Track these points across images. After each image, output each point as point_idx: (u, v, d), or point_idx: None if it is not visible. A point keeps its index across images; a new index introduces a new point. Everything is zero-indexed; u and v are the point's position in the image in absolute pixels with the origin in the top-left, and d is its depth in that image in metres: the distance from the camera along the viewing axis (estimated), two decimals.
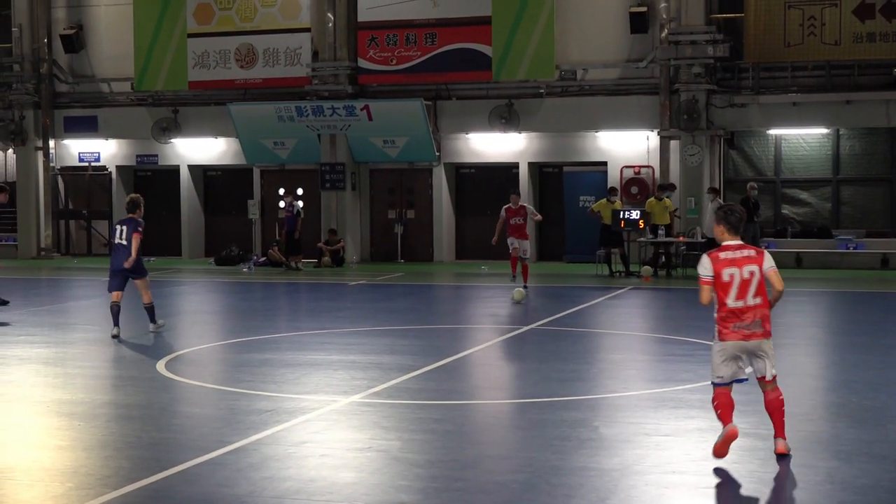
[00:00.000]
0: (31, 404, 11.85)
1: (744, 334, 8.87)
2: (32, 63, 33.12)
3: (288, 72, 31.03)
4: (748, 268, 8.86)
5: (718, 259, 8.89)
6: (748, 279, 8.84)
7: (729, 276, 8.84)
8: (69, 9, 33.25)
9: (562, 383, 12.57)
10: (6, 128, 33.12)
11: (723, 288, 8.86)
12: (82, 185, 34.10)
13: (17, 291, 24.28)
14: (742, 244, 9.00)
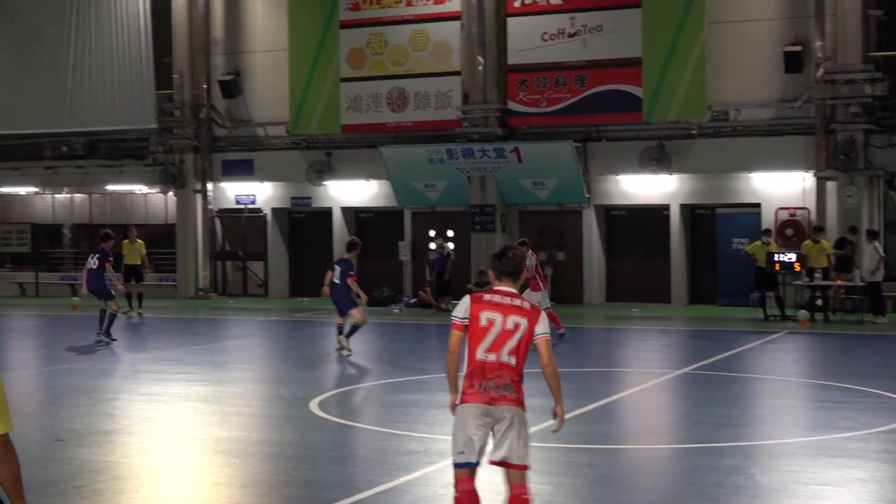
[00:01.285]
0: (188, 441, 12.15)
1: (490, 396, 7.08)
2: (192, 108, 34.17)
3: (438, 115, 31.37)
4: (514, 318, 7.15)
5: (480, 300, 7.23)
6: (510, 331, 7.13)
7: (487, 320, 7.14)
8: (227, 56, 34.22)
9: (716, 429, 12.34)
10: (167, 171, 34.17)
11: (476, 335, 7.14)
12: (238, 227, 34.92)
13: (175, 330, 24.96)
14: (516, 293, 7.28)
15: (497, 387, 7.06)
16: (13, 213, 39.23)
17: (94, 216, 38.32)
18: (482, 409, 7.05)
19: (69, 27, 35.17)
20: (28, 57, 35.80)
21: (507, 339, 7.10)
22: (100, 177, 35.90)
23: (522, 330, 7.12)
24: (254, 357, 20.27)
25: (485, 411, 7.04)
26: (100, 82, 34.92)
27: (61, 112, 35.38)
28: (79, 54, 35.15)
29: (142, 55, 34.32)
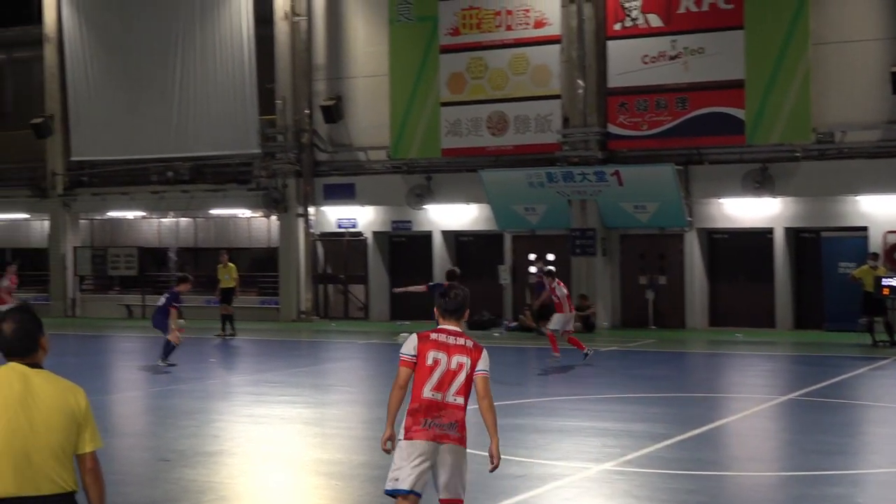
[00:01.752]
0: (291, 463, 12.29)
1: (435, 434, 7.28)
2: (294, 133, 34.62)
3: (538, 138, 31.36)
4: (458, 358, 7.37)
5: (427, 339, 7.45)
6: (455, 371, 7.35)
7: (433, 360, 7.34)
8: (329, 81, 34.63)
9: (822, 456, 12.12)
10: (270, 195, 34.63)
11: (422, 373, 7.33)
12: (340, 251, 35.23)
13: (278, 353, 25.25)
14: (460, 332, 7.51)
15: (442, 425, 7.29)
16: (121, 237, 40.09)
17: (199, 240, 38.98)
18: (427, 445, 7.26)
19: (176, 55, 35.89)
20: (137, 85, 36.59)
21: (453, 379, 7.33)
22: (204, 201, 36.53)
23: (466, 369, 7.35)
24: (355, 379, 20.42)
25: (429, 448, 7.26)
26: (205, 109, 35.56)
27: (168, 138, 36.09)
28: (185, 81, 35.85)
29: (245, 81, 34.88)
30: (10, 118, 45.78)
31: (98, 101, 37.22)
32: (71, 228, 38.50)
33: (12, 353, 5.46)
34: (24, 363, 5.45)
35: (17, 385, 5.35)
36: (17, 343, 5.46)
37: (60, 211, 38.07)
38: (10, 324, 5.47)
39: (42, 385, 5.39)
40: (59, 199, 37.99)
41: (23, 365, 5.44)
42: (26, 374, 5.41)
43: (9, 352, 5.46)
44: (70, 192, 38.08)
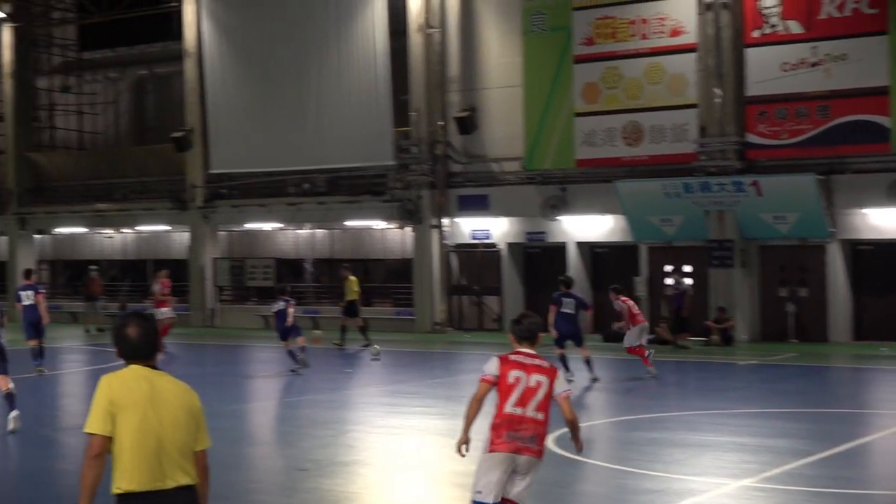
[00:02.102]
0: (426, 474, 12.36)
1: (517, 447, 8.00)
2: (429, 145, 34.83)
3: (674, 148, 31.01)
4: (536, 377, 8.10)
5: (507, 360, 8.21)
6: (534, 388, 8.06)
7: (514, 378, 8.09)
8: (463, 93, 34.77)
9: None
10: (404, 207, 34.90)
11: (505, 391, 8.08)
12: (474, 262, 35.31)
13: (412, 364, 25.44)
14: (535, 354, 8.27)
15: (523, 438, 7.98)
16: (258, 248, 40.83)
17: (335, 251, 39.48)
18: (509, 457, 7.98)
19: (312, 68, 36.43)
20: (274, 98, 37.25)
21: (532, 396, 8.03)
22: (340, 212, 36.99)
23: (545, 387, 8.07)
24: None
25: (511, 459, 7.98)
26: (340, 121, 36.01)
27: (304, 150, 36.62)
28: (321, 94, 36.37)
29: (380, 93, 35.23)
30: (152, 133, 47.12)
31: (236, 114, 38.00)
32: (210, 240, 39.37)
33: (137, 356, 5.84)
34: (146, 365, 5.82)
35: (145, 385, 5.73)
36: (142, 346, 5.83)
37: (200, 223, 38.96)
38: (134, 328, 5.84)
39: (166, 385, 5.80)
40: (199, 212, 38.87)
41: (145, 367, 5.81)
42: (150, 375, 5.79)
43: (134, 354, 5.84)
44: (209, 205, 38.93)
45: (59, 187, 43.79)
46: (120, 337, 5.87)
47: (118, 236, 44.21)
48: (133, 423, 5.63)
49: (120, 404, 5.66)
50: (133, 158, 42.34)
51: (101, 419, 5.64)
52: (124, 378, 5.77)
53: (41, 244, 45.67)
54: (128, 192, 41.60)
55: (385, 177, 36.00)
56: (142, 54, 47.27)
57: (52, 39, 48.71)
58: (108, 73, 48.63)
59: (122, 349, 5.88)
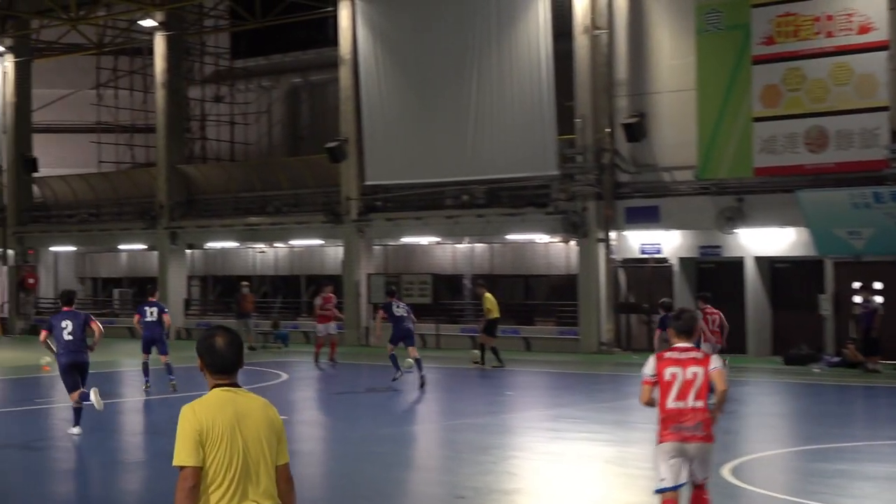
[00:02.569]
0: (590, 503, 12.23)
1: (683, 436, 9.19)
2: (595, 154, 34.59)
3: (863, 154, 30.14)
4: (692, 369, 9.26)
5: (662, 358, 9.40)
6: (691, 380, 9.23)
7: (671, 375, 9.27)
8: (631, 98, 34.46)
9: None
10: (569, 219, 34.71)
11: (664, 388, 9.28)
12: (643, 278, 34.93)
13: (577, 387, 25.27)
14: (690, 347, 9.43)
15: (688, 428, 9.24)
16: (415, 263, 41.17)
17: (495, 266, 39.55)
18: (677, 446, 9.28)
19: (471, 74, 36.53)
20: (431, 105, 37.49)
21: (691, 388, 9.27)
22: (500, 226, 37.01)
23: (701, 376, 9.27)
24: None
25: (680, 448, 9.27)
26: (501, 129, 36.03)
27: (463, 160, 36.73)
28: (480, 101, 36.46)
29: (543, 99, 35.13)
30: (305, 143, 48.04)
31: (392, 122, 38.36)
32: (365, 254, 39.80)
33: (223, 369, 6.04)
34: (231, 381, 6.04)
35: (230, 409, 5.95)
36: (229, 357, 6.04)
37: (354, 237, 39.44)
38: (221, 339, 6.05)
39: (248, 403, 6.02)
40: (354, 225, 39.36)
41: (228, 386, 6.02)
42: (233, 396, 6.00)
43: (220, 367, 6.04)
44: (364, 218, 39.37)
45: (211, 200, 44.88)
46: (207, 347, 6.06)
47: (270, 251, 45.12)
48: (221, 450, 5.86)
49: (207, 432, 5.88)
50: (286, 170, 43.15)
51: (192, 449, 5.85)
52: (208, 404, 5.97)
53: (192, 259, 46.90)
54: (280, 204, 42.36)
55: (548, 187, 35.91)
56: (296, 61, 48.29)
57: (205, 48, 50.16)
58: (260, 81, 49.84)
59: (208, 360, 6.06)
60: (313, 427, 19.26)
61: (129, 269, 49.61)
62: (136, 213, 45.60)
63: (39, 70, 49.43)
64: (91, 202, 48.28)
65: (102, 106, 48.99)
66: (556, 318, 36.62)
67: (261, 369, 29.35)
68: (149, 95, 47.93)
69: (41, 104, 49.22)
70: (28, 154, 48.35)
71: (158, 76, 44.49)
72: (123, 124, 49.53)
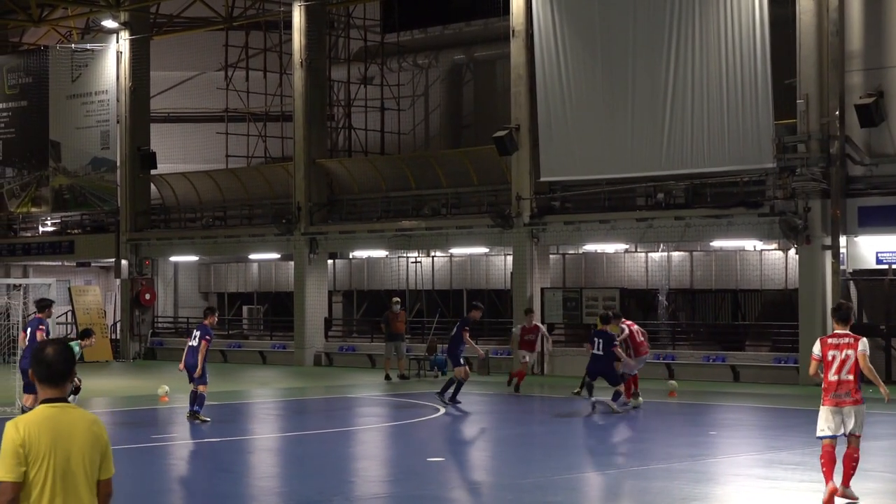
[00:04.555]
0: None
1: (839, 401, 14.62)
2: (820, 142, 33.92)
3: None
4: (846, 351, 14.64)
5: (825, 343, 14.88)
6: (844, 359, 14.60)
7: (832, 356, 14.67)
8: (867, 73, 33.69)
9: None
10: (788, 222, 34.06)
11: (827, 365, 14.71)
12: (880, 293, 34.17)
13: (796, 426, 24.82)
14: (848, 333, 14.83)
15: (842, 395, 14.64)
16: (599, 275, 41.01)
17: (696, 279, 39.17)
18: (835, 410, 14.71)
19: (669, 49, 36.13)
20: (620, 87, 37.21)
21: (844, 364, 14.65)
22: (703, 230, 36.56)
23: (852, 356, 14.63)
24: None
25: (836, 411, 14.69)
26: (704, 114, 35.61)
27: (658, 152, 36.41)
28: (679, 81, 36.04)
29: (757, 77, 34.60)
30: (469, 132, 48.23)
31: (573, 107, 38.21)
32: (539, 264, 39.75)
33: (55, 380, 7.11)
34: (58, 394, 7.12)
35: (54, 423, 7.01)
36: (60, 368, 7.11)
37: (527, 243, 39.42)
38: (52, 350, 7.14)
39: (74, 420, 7.08)
40: (526, 230, 39.35)
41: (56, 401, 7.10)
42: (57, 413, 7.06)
43: (51, 378, 7.11)
44: (538, 221, 39.32)
45: (357, 201, 45.36)
46: (36, 358, 7.11)
47: (426, 261, 45.40)
48: (43, 465, 6.92)
49: (29, 448, 6.92)
50: (446, 164, 43.35)
51: (12, 464, 6.88)
52: (33, 420, 7.01)
53: (334, 270, 47.45)
54: (439, 206, 42.63)
55: (763, 184, 35.45)
56: (458, 35, 48.64)
57: (351, 20, 50.79)
58: (417, 58, 50.31)
59: (37, 371, 7.11)
60: (477, 471, 19.29)
61: (262, 283, 50.44)
62: (269, 216, 46.33)
63: (158, 49, 50.65)
64: (217, 204, 49.23)
65: (231, 90, 49.90)
66: (772, 343, 36.11)
67: (414, 401, 29.53)
68: (285, 78, 48.76)
69: (160, 89, 50.54)
70: (145, 148, 49.53)
71: (296, 55, 45.14)
72: (255, 112, 50.40)
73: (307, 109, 44.92)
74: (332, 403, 31.21)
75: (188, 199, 50.06)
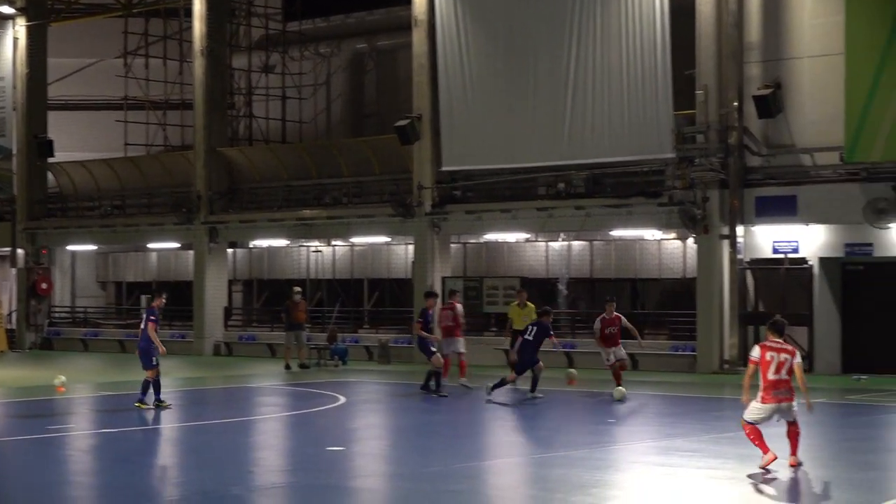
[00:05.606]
0: None
1: (779, 399, 16.47)
2: (719, 132, 34.29)
3: None
4: (783, 355, 16.54)
5: (764, 346, 16.72)
6: (783, 362, 16.47)
7: (770, 357, 16.50)
8: (764, 64, 34.10)
9: None
10: (686, 211, 34.41)
11: (765, 365, 16.48)
12: (776, 283, 34.57)
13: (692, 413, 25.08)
14: (782, 341, 16.72)
15: (782, 391, 16.47)
16: (500, 264, 41.12)
17: (596, 268, 39.42)
18: (774, 407, 16.51)
19: (570, 39, 36.29)
20: (521, 77, 37.33)
21: (783, 366, 16.46)
22: (603, 219, 36.82)
23: (789, 360, 16.51)
24: None
25: (775, 408, 16.50)
26: (605, 104, 35.84)
27: (558, 142, 36.60)
28: (581, 71, 36.23)
29: (657, 68, 34.86)
30: (371, 121, 48.12)
31: (476, 97, 38.30)
32: (440, 253, 39.79)
33: None
34: None
35: None
36: None
37: (428, 233, 39.45)
38: None
39: None
40: (428, 219, 39.38)
41: None
42: None
43: None
44: (440, 210, 39.39)
45: (258, 190, 45.20)
46: None
47: (327, 250, 45.30)
48: None
49: None
50: (347, 153, 43.28)
51: None
52: None
53: (234, 260, 47.22)
54: (340, 195, 42.57)
55: (662, 174, 35.75)
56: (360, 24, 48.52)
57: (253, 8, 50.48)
58: (319, 47, 50.12)
59: None
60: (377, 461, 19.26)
61: (161, 272, 50.07)
62: (168, 205, 46.09)
63: (56, 36, 50.07)
64: (116, 192, 48.88)
65: (130, 78, 49.48)
66: (669, 331, 36.47)
67: (314, 391, 29.48)
68: (185, 65, 48.39)
69: (58, 76, 49.96)
70: (42, 135, 49.05)
71: (197, 42, 44.88)
72: (155, 100, 49.99)
73: (207, 98, 44.67)
74: (231, 393, 31.05)
75: (86, 187, 49.58)
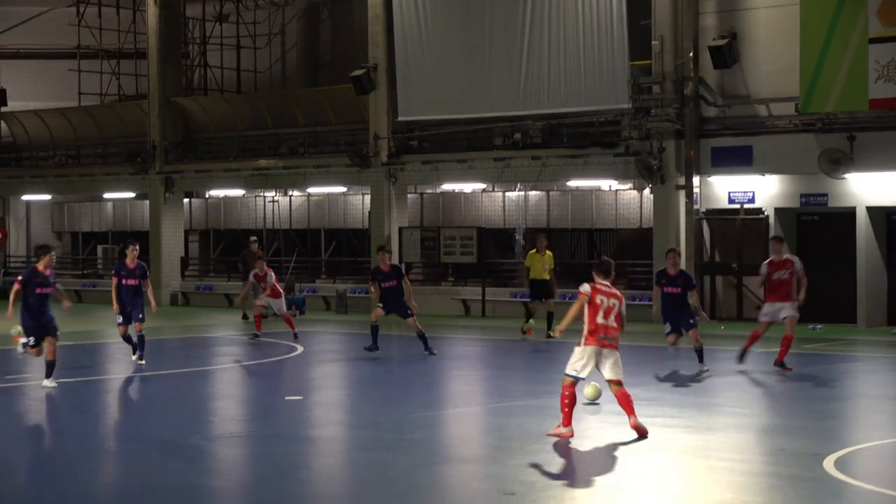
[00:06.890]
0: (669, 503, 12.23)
1: (602, 343, 15.68)
2: (675, 83, 34.36)
3: None
4: (612, 300, 15.74)
5: (595, 288, 15.82)
6: (611, 307, 15.67)
7: (600, 300, 15.67)
8: (720, 15, 34.16)
9: None
10: (642, 162, 34.51)
11: (595, 308, 15.64)
12: (732, 233, 34.76)
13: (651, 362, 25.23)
14: (609, 285, 15.89)
15: (607, 338, 15.67)
16: (457, 215, 41.15)
17: (553, 218, 39.50)
18: (597, 349, 15.69)
19: None
20: (477, 28, 37.20)
21: (611, 311, 15.68)
22: (560, 170, 36.91)
23: (617, 306, 15.74)
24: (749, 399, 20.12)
25: (597, 351, 15.70)
26: (561, 54, 35.81)
27: (514, 92, 36.59)
28: (536, 21, 36.17)
29: (612, 17, 34.87)
30: (326, 71, 47.97)
31: (431, 47, 38.19)
32: (396, 204, 39.80)
33: None
34: None
35: None
36: None
37: (384, 183, 39.43)
38: None
39: None
40: (384, 169, 39.36)
41: None
42: None
43: None
44: (396, 160, 39.38)
45: (213, 140, 45.07)
46: None
47: (283, 200, 45.22)
48: None
49: None
50: (303, 103, 43.18)
51: None
52: None
53: (190, 210, 47.08)
54: (296, 145, 42.45)
55: (618, 124, 35.80)
56: None
57: None
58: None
59: None
60: (335, 411, 19.34)
61: (116, 222, 49.86)
62: (123, 154, 45.87)
63: None
64: (70, 142, 48.62)
65: (83, 27, 49.03)
66: (627, 281, 36.54)
67: (272, 340, 29.50)
68: (139, 14, 48.02)
69: (9, 24, 49.47)
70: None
71: None
72: (108, 49, 49.60)
73: (161, 47, 44.48)
74: (188, 343, 31.03)
75: (40, 137, 49.29)
